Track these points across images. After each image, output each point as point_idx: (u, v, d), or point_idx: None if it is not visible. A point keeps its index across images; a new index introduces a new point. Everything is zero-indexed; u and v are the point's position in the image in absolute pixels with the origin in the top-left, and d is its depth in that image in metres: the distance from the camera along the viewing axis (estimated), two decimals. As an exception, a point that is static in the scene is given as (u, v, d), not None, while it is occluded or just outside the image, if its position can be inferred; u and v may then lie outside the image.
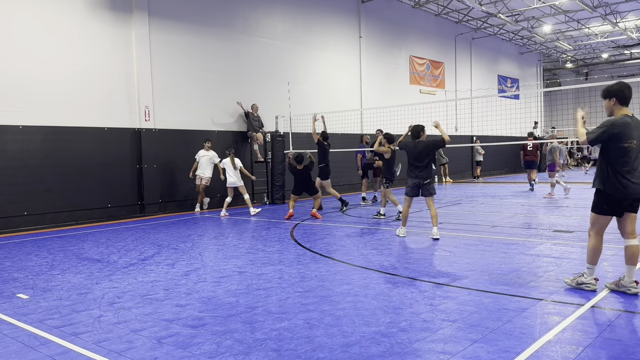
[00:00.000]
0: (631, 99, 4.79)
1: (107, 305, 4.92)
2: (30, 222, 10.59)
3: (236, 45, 14.53)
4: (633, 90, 4.87)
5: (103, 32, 11.74)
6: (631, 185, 4.61)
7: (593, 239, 4.85)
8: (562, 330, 3.88)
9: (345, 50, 18.18)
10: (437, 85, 23.05)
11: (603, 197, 4.75)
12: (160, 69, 12.76)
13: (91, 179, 11.50)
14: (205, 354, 3.63)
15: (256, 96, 14.92)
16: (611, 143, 4.64)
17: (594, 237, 4.84)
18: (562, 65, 34.10)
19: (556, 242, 7.45)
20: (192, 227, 10.20)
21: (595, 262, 4.85)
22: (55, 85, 10.98)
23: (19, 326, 4.37)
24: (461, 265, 6.15)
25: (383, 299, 4.84)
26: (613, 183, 4.65)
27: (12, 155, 10.36)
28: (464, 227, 9.21)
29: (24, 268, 6.75)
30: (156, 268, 6.52)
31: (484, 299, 4.72)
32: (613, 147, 4.64)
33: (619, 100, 4.72)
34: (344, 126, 16.73)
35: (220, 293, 5.22)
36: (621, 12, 22.84)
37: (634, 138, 4.59)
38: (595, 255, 4.83)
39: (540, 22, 23.99)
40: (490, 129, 22.26)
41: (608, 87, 4.81)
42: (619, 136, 4.58)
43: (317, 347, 3.68)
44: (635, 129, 4.62)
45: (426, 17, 22.20)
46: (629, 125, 4.60)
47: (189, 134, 13.35)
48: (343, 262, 6.52)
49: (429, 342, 3.73)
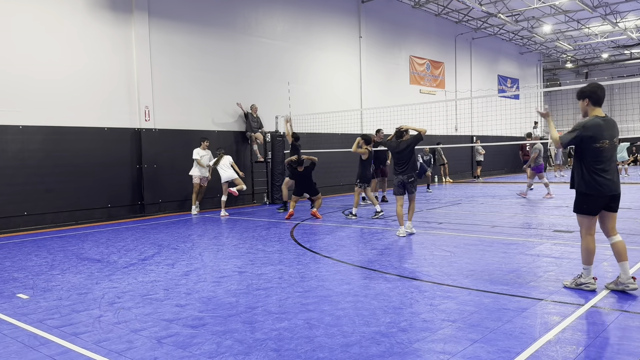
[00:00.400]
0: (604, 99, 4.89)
1: (107, 305, 4.92)
2: (30, 222, 10.59)
3: (236, 45, 14.53)
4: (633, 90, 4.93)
5: (103, 32, 11.74)
6: (607, 183, 4.71)
7: (583, 240, 4.90)
8: (562, 330, 3.88)
9: (345, 50, 18.19)
10: (437, 85, 23.05)
11: (581, 197, 4.84)
12: (160, 69, 12.76)
13: (91, 179, 11.50)
14: (205, 354, 3.63)
15: (256, 96, 14.92)
16: (584, 144, 4.74)
17: (584, 237, 4.90)
18: (562, 65, 34.09)
19: (556, 242, 7.45)
20: (192, 227, 10.20)
21: (590, 262, 4.87)
22: (55, 85, 10.98)
23: (19, 326, 4.37)
24: (461, 265, 6.15)
25: (383, 299, 4.84)
26: (589, 182, 4.75)
27: (12, 155, 10.36)
28: (464, 227, 9.21)
29: (24, 268, 6.74)
30: (156, 268, 6.52)
31: (484, 299, 4.72)
32: (586, 148, 4.74)
33: (592, 101, 4.83)
34: (344, 126, 16.73)
35: (220, 293, 5.22)
36: (621, 12, 22.84)
37: (606, 138, 4.70)
38: (589, 256, 4.86)
39: (540, 22, 23.99)
40: (490, 129, 22.26)
41: (581, 89, 4.93)
42: (591, 138, 4.69)
43: (317, 347, 3.68)
44: (607, 129, 4.73)
45: (426, 17, 22.20)
46: (600, 125, 4.71)
47: (189, 134, 13.35)
48: (343, 262, 6.52)
49: (429, 342, 3.73)
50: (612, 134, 4.75)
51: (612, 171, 4.76)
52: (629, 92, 28.19)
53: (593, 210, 4.81)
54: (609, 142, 4.71)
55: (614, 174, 4.77)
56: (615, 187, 4.77)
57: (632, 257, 6.21)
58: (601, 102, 4.85)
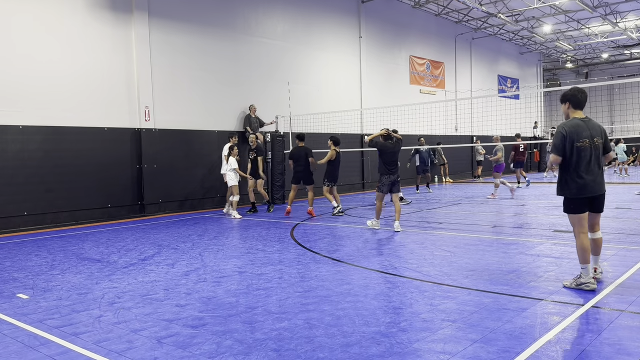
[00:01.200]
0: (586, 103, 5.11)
1: (107, 305, 4.92)
2: (30, 222, 10.59)
3: (236, 45, 14.53)
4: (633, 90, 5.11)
5: (103, 32, 11.74)
6: (589, 184, 4.87)
7: (577, 239, 4.98)
8: (562, 330, 3.88)
9: (345, 51, 18.18)
10: (437, 85, 23.05)
11: (567, 198, 4.99)
12: (160, 69, 12.75)
13: (91, 179, 11.50)
14: (205, 354, 3.63)
15: (256, 96, 14.92)
16: (567, 144, 4.90)
17: (577, 236, 4.98)
18: (562, 65, 34.10)
19: (556, 242, 7.45)
20: (192, 227, 10.20)
21: (587, 261, 4.92)
22: (55, 85, 10.97)
23: (19, 326, 4.37)
24: (461, 265, 6.15)
25: (383, 299, 4.84)
26: (570, 183, 4.92)
27: (12, 155, 10.36)
28: (464, 227, 9.21)
29: (24, 268, 6.75)
30: (156, 268, 6.52)
31: (484, 299, 4.72)
32: (569, 149, 4.89)
33: (572, 104, 5.05)
34: (344, 126, 16.72)
35: (220, 293, 5.22)
36: (621, 12, 22.84)
37: (586, 137, 4.86)
38: (585, 254, 4.91)
39: (540, 22, 23.99)
40: (490, 129, 22.25)
41: (563, 93, 5.19)
42: (571, 137, 4.87)
43: (317, 347, 3.68)
44: (587, 129, 4.91)
45: (426, 17, 22.20)
46: (580, 126, 4.91)
47: (189, 134, 13.35)
48: (343, 262, 6.52)
49: (429, 342, 3.73)
50: (591, 134, 4.89)
51: (593, 172, 4.89)
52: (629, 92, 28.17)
53: (579, 209, 4.94)
54: (589, 141, 4.85)
55: (596, 175, 4.91)
56: (598, 188, 4.92)
57: (632, 257, 6.23)
58: (582, 105, 5.05)
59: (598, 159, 4.93)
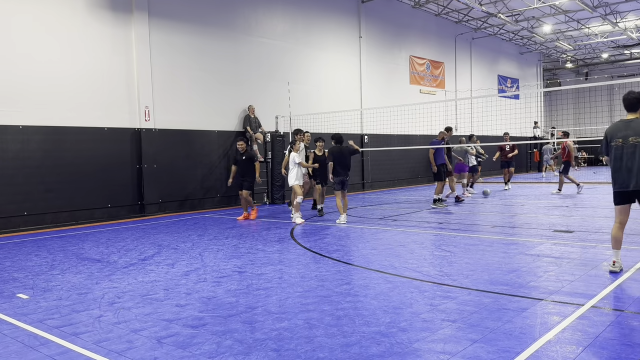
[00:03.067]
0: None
1: (107, 305, 4.92)
2: (30, 222, 10.59)
3: (236, 46, 14.53)
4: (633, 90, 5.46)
5: (103, 33, 11.74)
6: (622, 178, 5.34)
7: (613, 229, 5.53)
8: (562, 330, 3.88)
9: (345, 51, 18.18)
10: (437, 85, 23.05)
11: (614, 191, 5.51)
12: (160, 69, 12.76)
13: (91, 179, 11.50)
14: (205, 354, 3.63)
15: (256, 96, 14.92)
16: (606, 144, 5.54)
17: (614, 226, 5.52)
18: (562, 65, 34.09)
19: (556, 242, 7.45)
20: (192, 227, 10.20)
21: (618, 247, 5.49)
22: (55, 85, 10.98)
23: (19, 326, 4.37)
24: (461, 265, 6.15)
25: (383, 299, 4.84)
26: (614, 179, 5.45)
27: (12, 155, 10.36)
28: (464, 227, 9.21)
29: (24, 268, 6.75)
30: (156, 268, 6.52)
31: (484, 299, 4.72)
32: (609, 147, 5.48)
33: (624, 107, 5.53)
34: (344, 126, 16.72)
35: (220, 293, 5.22)
36: (621, 12, 22.83)
37: (620, 137, 5.35)
38: (616, 243, 5.48)
39: (540, 22, 23.99)
40: (490, 129, 22.24)
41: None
42: (608, 137, 5.50)
43: (317, 347, 3.68)
44: (624, 129, 5.36)
45: (426, 17, 22.20)
46: (618, 126, 5.44)
47: (189, 134, 13.36)
48: (343, 262, 6.52)
49: (429, 342, 3.73)
50: (626, 134, 5.31)
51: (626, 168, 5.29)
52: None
53: (617, 201, 5.47)
54: (622, 141, 5.30)
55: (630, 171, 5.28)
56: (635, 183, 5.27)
57: (632, 257, 6.22)
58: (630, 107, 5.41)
59: (634, 155, 5.25)
